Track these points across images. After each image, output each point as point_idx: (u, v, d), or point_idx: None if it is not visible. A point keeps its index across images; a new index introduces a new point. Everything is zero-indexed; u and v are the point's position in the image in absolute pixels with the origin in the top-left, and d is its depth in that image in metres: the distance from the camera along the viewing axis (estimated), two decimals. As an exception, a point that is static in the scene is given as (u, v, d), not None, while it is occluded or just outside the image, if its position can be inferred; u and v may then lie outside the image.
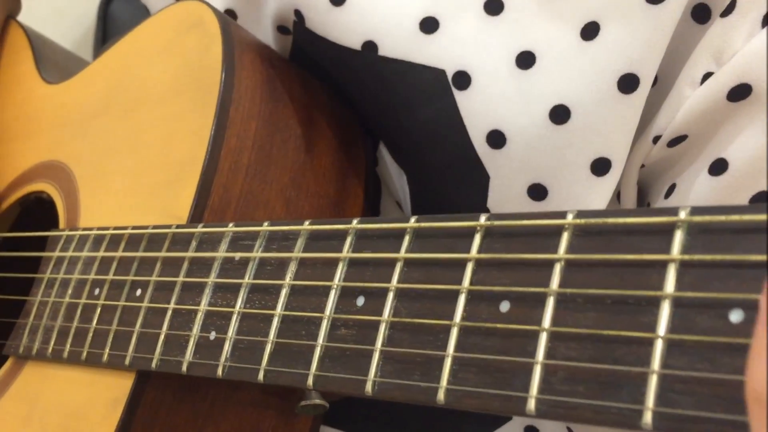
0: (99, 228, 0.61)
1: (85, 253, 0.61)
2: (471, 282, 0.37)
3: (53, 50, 0.88)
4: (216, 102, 0.58)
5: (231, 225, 0.51)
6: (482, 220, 0.38)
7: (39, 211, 0.74)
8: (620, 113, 0.56)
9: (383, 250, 0.41)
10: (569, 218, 0.35)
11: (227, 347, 0.47)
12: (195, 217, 0.56)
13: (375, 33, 0.61)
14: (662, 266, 0.31)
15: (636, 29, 0.55)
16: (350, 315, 0.42)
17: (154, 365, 0.51)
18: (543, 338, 0.34)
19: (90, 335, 0.56)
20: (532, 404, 0.33)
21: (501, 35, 0.58)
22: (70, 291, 0.60)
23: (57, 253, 0.63)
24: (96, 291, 0.58)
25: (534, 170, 0.58)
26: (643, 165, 0.60)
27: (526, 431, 0.69)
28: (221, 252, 0.50)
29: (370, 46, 0.61)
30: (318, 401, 0.53)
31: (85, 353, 0.56)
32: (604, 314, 0.32)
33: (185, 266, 0.52)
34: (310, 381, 0.42)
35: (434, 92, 0.60)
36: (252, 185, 0.59)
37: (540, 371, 0.33)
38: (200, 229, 0.52)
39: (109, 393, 0.54)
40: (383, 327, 0.40)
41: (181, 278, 0.52)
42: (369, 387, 0.39)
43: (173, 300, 0.51)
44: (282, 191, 0.60)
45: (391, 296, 0.40)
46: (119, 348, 0.54)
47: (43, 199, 0.73)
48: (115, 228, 0.59)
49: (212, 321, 0.49)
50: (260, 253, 0.48)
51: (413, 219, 0.41)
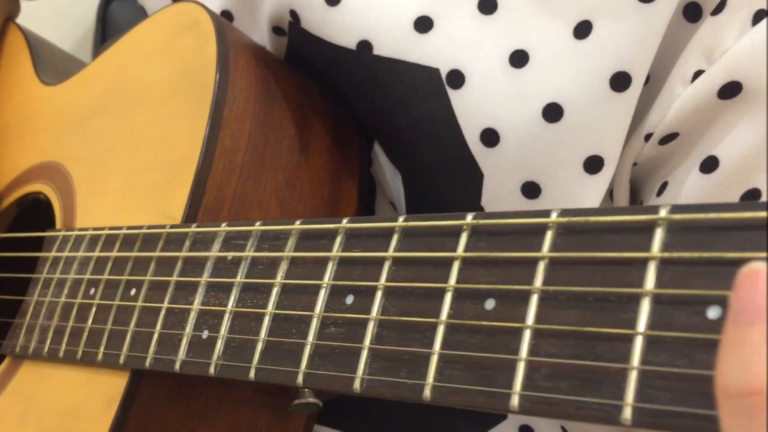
0: (95, 228, 0.61)
1: (81, 253, 0.61)
2: (457, 280, 0.38)
3: (51, 52, 0.88)
4: (210, 103, 0.59)
5: (224, 225, 0.51)
6: (468, 219, 0.38)
7: (36, 212, 0.75)
8: (613, 111, 0.56)
9: (372, 249, 0.42)
10: (553, 217, 0.35)
11: (219, 346, 0.47)
12: (189, 217, 0.56)
13: (370, 32, 0.61)
14: (642, 264, 0.32)
15: (628, 28, 0.55)
16: (339, 313, 0.42)
17: (148, 364, 0.51)
18: (526, 335, 0.34)
19: (85, 334, 0.57)
20: (516, 400, 0.34)
21: (495, 34, 0.59)
22: (66, 291, 0.61)
23: (53, 254, 0.64)
24: (91, 291, 0.58)
25: (527, 168, 0.59)
26: (636, 163, 0.60)
27: (521, 430, 0.69)
28: (214, 252, 0.51)
29: (365, 46, 0.61)
30: (311, 400, 0.53)
31: (81, 352, 0.57)
32: (586, 311, 0.33)
33: (179, 266, 0.52)
34: (300, 379, 0.42)
35: (428, 91, 0.60)
36: (246, 185, 0.59)
37: (523, 368, 0.34)
38: (194, 229, 0.53)
39: (104, 392, 0.55)
40: (372, 325, 0.40)
41: (175, 278, 0.52)
42: (357, 384, 0.40)
43: (167, 299, 0.52)
44: (276, 191, 0.61)
45: (380, 294, 0.40)
46: (114, 347, 0.54)
47: (41, 200, 0.73)
48: (111, 228, 0.60)
49: (205, 320, 0.49)
50: (252, 253, 0.48)
51: (401, 218, 0.41)
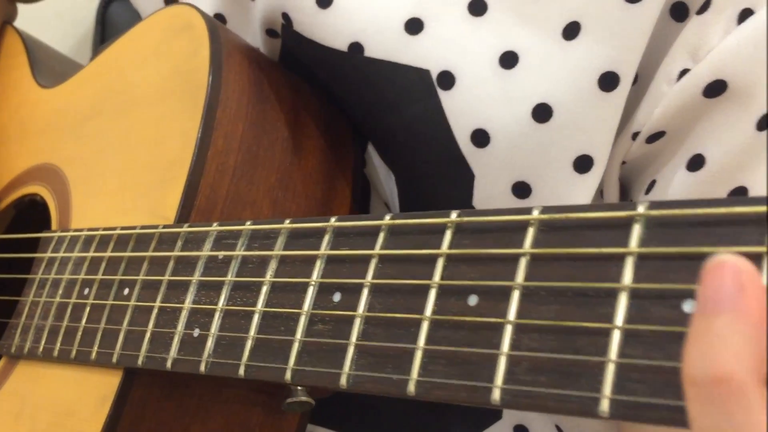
0: (89, 229, 0.62)
1: (76, 254, 0.62)
2: (441, 277, 0.38)
3: (49, 55, 0.89)
4: (203, 104, 0.59)
5: (215, 225, 0.52)
6: (453, 217, 0.39)
7: (33, 214, 0.75)
8: (601, 111, 0.57)
9: (360, 247, 0.42)
10: (535, 214, 0.36)
11: (210, 344, 0.48)
12: (182, 218, 0.57)
13: (361, 34, 0.62)
14: (620, 259, 0.32)
15: (615, 28, 0.55)
16: (327, 311, 0.42)
17: (140, 362, 0.52)
18: (508, 330, 0.35)
19: (79, 334, 0.58)
20: (497, 394, 0.34)
21: (484, 36, 0.59)
22: (61, 291, 0.61)
23: (48, 254, 0.65)
24: (85, 291, 0.59)
25: (518, 168, 0.59)
26: (625, 162, 0.61)
27: (515, 430, 0.70)
28: (205, 251, 0.51)
29: (357, 48, 0.62)
30: (304, 398, 0.54)
31: (75, 351, 0.57)
32: (566, 306, 0.33)
33: (171, 265, 0.53)
34: (288, 375, 0.43)
35: (419, 92, 0.60)
36: (239, 186, 0.59)
37: (505, 362, 0.34)
38: (185, 229, 0.53)
39: (98, 390, 0.55)
40: (358, 322, 0.41)
41: (167, 277, 0.53)
42: (344, 380, 0.40)
43: (159, 298, 0.52)
44: (269, 192, 0.61)
45: (366, 292, 0.41)
46: (107, 346, 0.55)
47: (37, 202, 0.74)
48: (105, 229, 0.60)
49: (196, 318, 0.50)
50: (242, 252, 0.49)
51: (388, 216, 0.42)
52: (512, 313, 0.35)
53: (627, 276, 0.32)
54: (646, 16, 0.55)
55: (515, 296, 0.35)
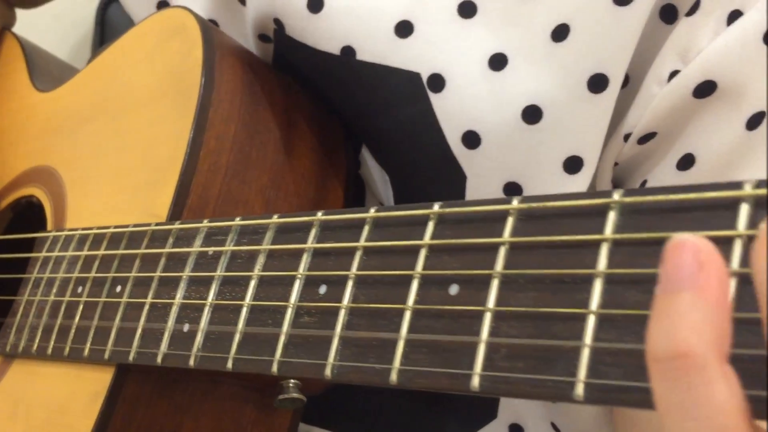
0: (83, 229, 0.63)
1: (70, 253, 0.62)
2: (424, 267, 0.39)
3: (46, 60, 0.90)
4: (195, 105, 0.60)
5: (205, 221, 0.52)
6: (435, 208, 0.39)
7: (30, 215, 0.76)
8: (591, 112, 0.57)
9: (345, 240, 0.43)
10: (514, 203, 0.36)
11: (199, 338, 0.48)
12: (174, 216, 0.57)
13: (352, 38, 0.62)
14: (596, 246, 0.33)
15: (604, 30, 0.56)
16: (313, 303, 0.43)
17: (131, 358, 0.52)
18: (487, 318, 0.35)
19: (72, 331, 0.58)
20: (476, 381, 0.35)
21: (474, 38, 0.60)
22: (55, 290, 0.62)
23: (43, 254, 0.65)
24: (79, 289, 0.59)
25: (509, 169, 0.60)
26: (617, 163, 0.61)
27: (511, 429, 0.70)
28: (196, 247, 0.52)
29: (348, 51, 0.62)
30: (296, 395, 0.54)
31: (68, 349, 0.58)
32: (544, 293, 0.34)
33: (162, 262, 0.53)
34: (275, 368, 0.43)
35: (410, 95, 0.61)
36: (231, 185, 0.60)
37: (484, 349, 0.35)
38: (177, 226, 0.54)
39: (90, 387, 0.56)
40: (343, 313, 0.41)
41: (158, 273, 0.53)
42: (328, 371, 0.41)
43: (150, 295, 0.53)
44: (261, 191, 0.62)
45: (351, 284, 0.42)
46: (99, 343, 0.55)
47: (33, 203, 0.75)
48: (98, 228, 0.61)
49: (186, 314, 0.50)
50: (232, 247, 0.49)
51: (372, 209, 0.42)
52: (492, 301, 0.35)
53: (602, 262, 0.32)
54: (635, 18, 0.55)
55: (495, 285, 0.35)
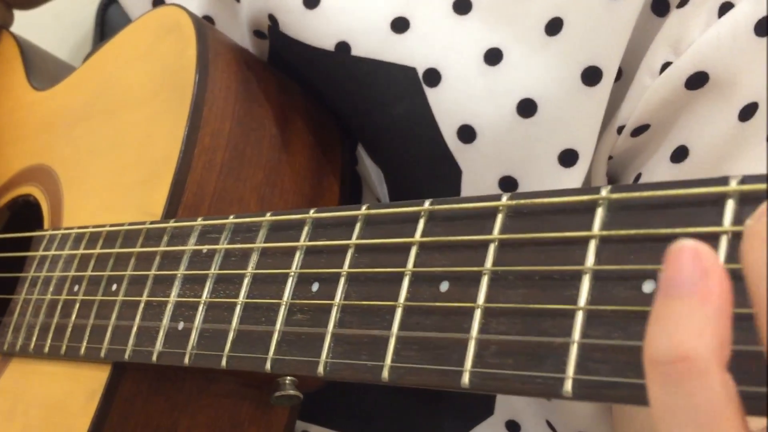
0: (79, 227, 0.63)
1: (66, 252, 0.62)
2: (414, 264, 0.39)
3: (44, 59, 0.90)
4: (190, 102, 0.60)
5: (200, 219, 0.52)
6: (426, 205, 0.39)
7: (27, 214, 0.76)
8: (585, 105, 0.57)
9: (337, 238, 0.43)
10: (503, 200, 0.36)
11: (194, 336, 0.49)
12: (169, 214, 0.57)
13: (348, 34, 0.62)
14: (584, 242, 0.33)
15: (598, 23, 0.56)
16: (306, 300, 0.43)
17: (127, 356, 0.52)
18: (477, 315, 0.35)
19: (69, 330, 0.58)
20: (466, 378, 0.35)
21: (469, 33, 0.60)
22: (52, 288, 0.62)
23: (40, 253, 0.65)
24: (75, 287, 0.60)
25: (504, 163, 0.60)
26: (611, 157, 0.61)
27: (507, 426, 0.70)
28: (190, 245, 0.52)
29: (344, 47, 0.62)
30: (292, 392, 0.54)
31: (65, 347, 0.58)
32: (533, 290, 0.34)
33: (157, 260, 0.54)
34: (268, 365, 0.43)
35: (406, 90, 0.61)
36: (226, 183, 0.60)
37: (474, 346, 0.35)
38: (171, 224, 0.54)
39: (87, 385, 0.56)
40: (335, 311, 0.41)
41: (153, 272, 0.53)
42: (321, 368, 0.41)
43: (146, 293, 0.53)
44: (256, 189, 0.62)
45: (343, 281, 0.42)
46: (96, 341, 0.55)
47: (30, 202, 0.75)
48: (94, 226, 0.61)
49: (181, 312, 0.50)
50: (225, 245, 0.49)
51: (364, 207, 0.42)
52: (481, 298, 0.35)
53: (590, 258, 0.32)
54: (628, 12, 0.55)
55: (484, 281, 0.36)
